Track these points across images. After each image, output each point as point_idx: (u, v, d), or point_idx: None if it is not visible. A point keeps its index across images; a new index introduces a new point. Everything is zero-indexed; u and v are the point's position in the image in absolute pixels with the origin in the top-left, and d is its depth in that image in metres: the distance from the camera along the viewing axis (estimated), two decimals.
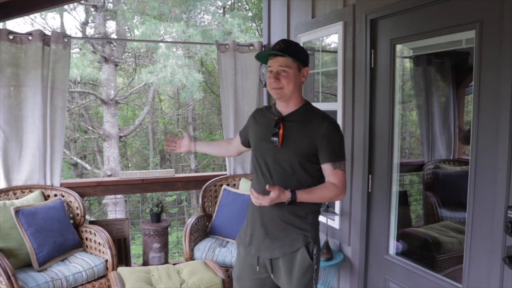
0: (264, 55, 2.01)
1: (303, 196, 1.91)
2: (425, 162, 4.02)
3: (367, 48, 2.79)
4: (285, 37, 3.79)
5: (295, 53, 1.96)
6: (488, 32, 2.01)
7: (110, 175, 9.07)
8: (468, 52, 4.26)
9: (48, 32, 3.48)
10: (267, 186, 1.86)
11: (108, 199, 8.52)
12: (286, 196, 1.87)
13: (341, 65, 3.06)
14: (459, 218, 3.71)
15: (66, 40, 3.48)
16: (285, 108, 2.05)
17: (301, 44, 3.59)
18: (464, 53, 4.28)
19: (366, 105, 2.82)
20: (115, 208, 8.40)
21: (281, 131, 1.98)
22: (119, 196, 8.37)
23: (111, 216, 8.43)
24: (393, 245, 2.77)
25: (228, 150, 2.52)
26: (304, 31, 3.48)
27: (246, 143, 2.30)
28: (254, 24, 12.34)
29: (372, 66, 2.79)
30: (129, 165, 13.85)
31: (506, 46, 1.91)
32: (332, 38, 3.34)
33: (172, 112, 13.89)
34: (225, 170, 4.22)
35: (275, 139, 1.97)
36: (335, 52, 3.23)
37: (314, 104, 3.60)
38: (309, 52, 3.65)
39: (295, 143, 1.98)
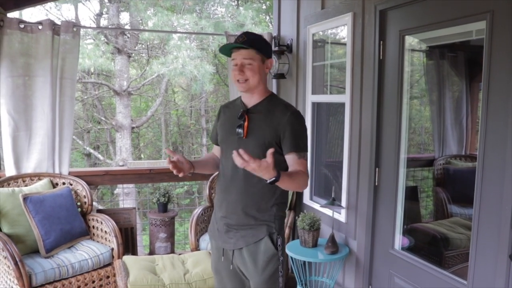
0: (227, 48, 2.00)
1: (285, 178, 1.74)
2: (436, 157, 3.97)
3: (376, 39, 2.74)
4: (295, 29, 3.76)
5: (258, 45, 1.96)
6: (500, 23, 1.96)
7: (122, 165, 9.14)
8: (482, 46, 4.19)
9: (59, 22, 3.50)
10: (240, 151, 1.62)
11: (119, 188, 8.59)
12: (272, 174, 1.65)
13: (349, 57, 3.02)
14: (469, 215, 3.65)
15: (75, 29, 3.49)
16: (249, 100, 2.04)
17: (311, 36, 3.56)
18: (478, 47, 4.21)
19: (374, 97, 2.78)
20: (126, 198, 8.47)
21: (246, 123, 1.99)
22: (131, 186, 8.44)
23: (122, 206, 8.50)
24: (399, 240, 2.74)
25: (214, 158, 2.26)
26: (313, 22, 3.44)
27: (218, 142, 2.21)
28: (268, 17, 12.26)
29: (381, 58, 2.74)
30: (142, 156, 13.94)
31: None
32: (342, 30, 3.30)
33: (185, 104, 13.93)
34: None
35: (239, 130, 1.98)
36: (344, 44, 3.19)
37: (323, 96, 3.62)
38: (318, 44, 3.62)
39: (259, 134, 1.98)
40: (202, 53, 9.00)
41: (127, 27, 9.89)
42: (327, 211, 3.26)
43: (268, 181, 1.68)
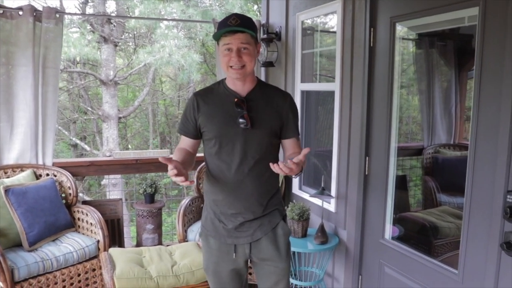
0: (222, 33, 1.82)
1: (303, 166, 1.84)
2: (424, 146, 3.95)
3: (367, 26, 2.69)
4: (284, 16, 3.68)
5: (253, 28, 1.87)
6: (492, 9, 1.92)
7: (109, 156, 9.03)
8: (472, 34, 4.16)
9: (40, 8, 3.38)
10: (297, 159, 1.65)
11: (106, 179, 8.49)
12: (300, 168, 1.75)
13: (339, 44, 2.96)
14: (457, 204, 3.65)
15: (58, 16, 3.38)
16: (241, 87, 1.95)
17: (300, 24, 3.49)
18: (467, 35, 4.18)
19: (364, 85, 2.74)
20: (113, 189, 8.37)
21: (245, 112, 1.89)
22: (118, 176, 8.34)
23: (109, 197, 8.41)
24: (389, 230, 2.71)
25: (189, 155, 1.99)
26: (303, 9, 3.38)
27: (195, 135, 2.00)
28: (256, 6, 12.14)
29: (371, 45, 2.70)
30: (129, 146, 13.80)
31: (511, 24, 1.82)
32: (331, 17, 3.24)
33: (172, 94, 13.79)
34: None
35: (242, 120, 1.87)
36: (333, 32, 3.13)
37: (312, 85, 3.57)
38: (308, 31, 3.56)
39: (265, 123, 1.94)
40: (189, 42, 8.89)
41: (113, 15, 9.71)
42: (317, 201, 3.22)
43: (296, 175, 1.80)
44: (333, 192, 3.12)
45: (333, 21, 3.16)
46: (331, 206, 3.14)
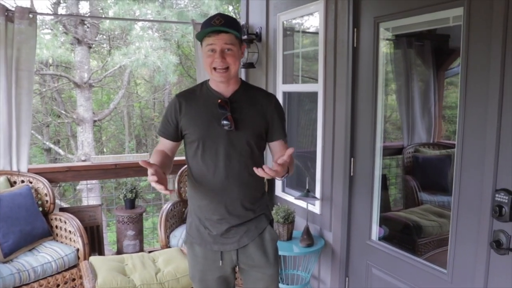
0: (206, 33, 1.78)
1: (290, 169, 1.88)
2: (404, 146, 3.98)
3: (350, 26, 2.67)
4: (264, 17, 3.64)
5: (237, 29, 1.82)
6: (477, 9, 1.92)
7: (84, 161, 8.82)
8: (448, 35, 4.21)
9: (11, 8, 3.25)
10: (280, 160, 1.66)
11: (82, 185, 8.29)
12: (285, 171, 1.77)
13: (322, 45, 2.94)
14: (439, 202, 3.69)
15: (31, 16, 3.26)
16: (225, 88, 1.89)
17: (281, 24, 3.46)
18: (444, 36, 4.24)
19: (348, 86, 2.72)
20: (89, 194, 8.18)
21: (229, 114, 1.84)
22: (94, 181, 8.15)
23: (85, 202, 8.22)
24: (375, 230, 2.70)
25: (167, 158, 1.92)
26: (284, 9, 3.35)
27: (176, 137, 1.94)
28: (231, 7, 12.10)
29: (355, 45, 2.68)
30: (104, 150, 13.55)
31: (496, 24, 1.82)
32: (314, 17, 3.22)
33: (148, 96, 13.60)
34: None
35: (226, 122, 1.81)
36: (315, 33, 3.11)
37: (295, 86, 3.54)
38: (288, 33, 3.53)
39: (250, 124, 1.89)
40: (165, 44, 8.77)
41: (88, 15, 9.50)
42: (301, 203, 3.19)
43: (281, 177, 1.81)
44: (317, 193, 3.09)
45: (316, 20, 3.13)
46: (316, 208, 3.12)
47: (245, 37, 3.73)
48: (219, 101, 1.85)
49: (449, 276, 2.14)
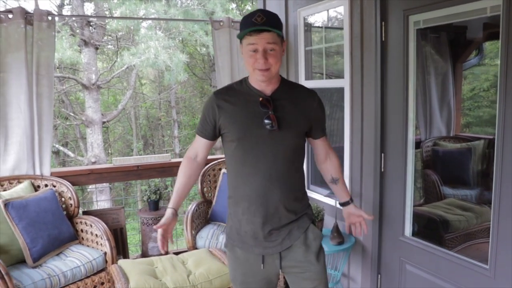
0: (248, 32, 1.70)
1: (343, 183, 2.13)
2: (422, 139, 3.93)
3: (377, 20, 2.63)
4: (283, 13, 3.59)
5: (280, 26, 1.75)
6: None
7: (94, 162, 8.81)
8: (466, 26, 4.16)
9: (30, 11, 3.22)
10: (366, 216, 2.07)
11: (92, 187, 8.28)
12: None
13: (347, 40, 2.90)
14: (461, 196, 3.65)
15: (50, 18, 3.22)
16: (266, 86, 1.81)
17: (302, 20, 3.42)
18: (461, 27, 4.19)
19: (377, 80, 2.68)
20: (99, 197, 8.16)
21: (270, 112, 1.76)
22: (104, 184, 8.13)
23: (95, 206, 8.20)
24: (409, 226, 2.66)
25: (197, 170, 1.98)
26: (304, 5, 3.30)
27: (214, 136, 1.90)
28: (235, 5, 12.05)
29: (383, 39, 2.64)
30: (111, 151, 13.54)
31: None
32: (338, 11, 3.18)
33: (154, 96, 13.58)
34: (220, 152, 4.05)
35: (268, 121, 1.74)
36: (340, 28, 3.07)
37: (319, 82, 3.50)
38: (311, 27, 3.49)
39: (293, 123, 1.82)
40: (174, 42, 8.73)
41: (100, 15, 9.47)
42: (329, 201, 3.16)
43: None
44: None
45: (339, 16, 3.09)
46: None
47: None
48: (261, 99, 1.78)
49: (491, 271, 2.10)
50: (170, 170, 3.78)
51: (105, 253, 3.00)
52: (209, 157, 4.34)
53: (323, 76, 3.40)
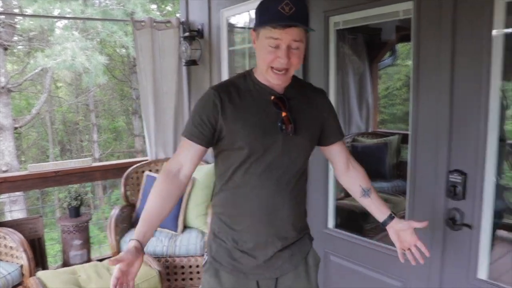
0: (274, 24, 1.37)
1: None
2: None
3: None
4: (206, 13, 3.60)
5: (308, 19, 1.44)
6: (427, 2, 2.02)
7: (5, 171, 8.23)
8: (380, 28, 4.42)
9: None
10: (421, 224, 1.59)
11: (3, 197, 7.73)
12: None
13: None
14: (379, 188, 3.87)
15: None
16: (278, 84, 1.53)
17: (225, 20, 3.44)
18: (377, 29, 4.44)
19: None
20: (12, 207, 7.63)
21: (284, 113, 1.48)
22: (18, 193, 7.61)
23: (9, 217, 7.65)
24: (332, 218, 2.77)
25: (178, 191, 1.48)
26: (228, 5, 3.33)
27: (210, 142, 1.51)
28: (155, 6, 11.85)
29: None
30: (25, 158, 12.71)
31: (444, 16, 1.93)
32: None
33: (71, 100, 12.95)
34: (141, 155, 3.96)
35: (281, 125, 1.47)
36: None
37: None
38: (234, 28, 3.51)
39: (308, 127, 1.55)
40: (92, 44, 8.39)
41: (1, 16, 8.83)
42: None
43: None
44: None
45: None
46: None
47: (186, 34, 3.67)
48: (272, 97, 1.50)
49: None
50: (91, 174, 3.63)
51: (22, 266, 2.81)
52: (131, 160, 4.22)
53: None
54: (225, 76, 3.51)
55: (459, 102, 1.94)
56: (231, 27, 3.51)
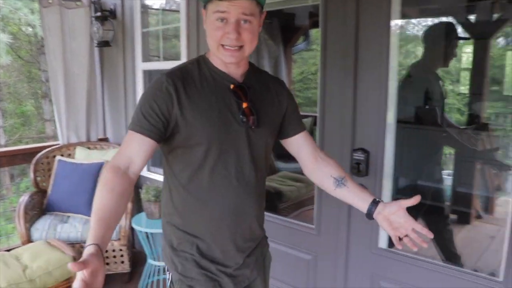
0: None
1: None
2: None
3: None
4: None
5: None
6: None
7: None
8: (294, 13, 4.56)
9: None
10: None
11: None
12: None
13: (184, 22, 2.97)
14: (293, 168, 4.06)
15: None
16: (235, 69, 1.37)
17: (138, 1, 3.37)
18: (290, 14, 4.59)
19: None
20: None
21: (245, 104, 1.34)
22: None
23: None
24: None
25: (129, 188, 1.23)
26: None
27: (162, 136, 1.29)
28: None
29: None
30: None
31: (349, 6, 2.08)
32: None
33: None
34: (54, 141, 3.81)
35: (242, 117, 1.33)
36: (176, 11, 3.12)
37: (155, 64, 3.50)
38: (148, 9, 3.46)
39: (269, 118, 1.42)
40: None
41: None
42: None
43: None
44: None
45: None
46: None
47: (98, 14, 3.55)
48: (232, 86, 1.35)
49: (316, 230, 2.41)
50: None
51: None
52: (41, 144, 3.99)
53: (161, 59, 3.43)
54: (139, 58, 3.46)
55: (362, 85, 2.12)
56: (145, 8, 3.45)
